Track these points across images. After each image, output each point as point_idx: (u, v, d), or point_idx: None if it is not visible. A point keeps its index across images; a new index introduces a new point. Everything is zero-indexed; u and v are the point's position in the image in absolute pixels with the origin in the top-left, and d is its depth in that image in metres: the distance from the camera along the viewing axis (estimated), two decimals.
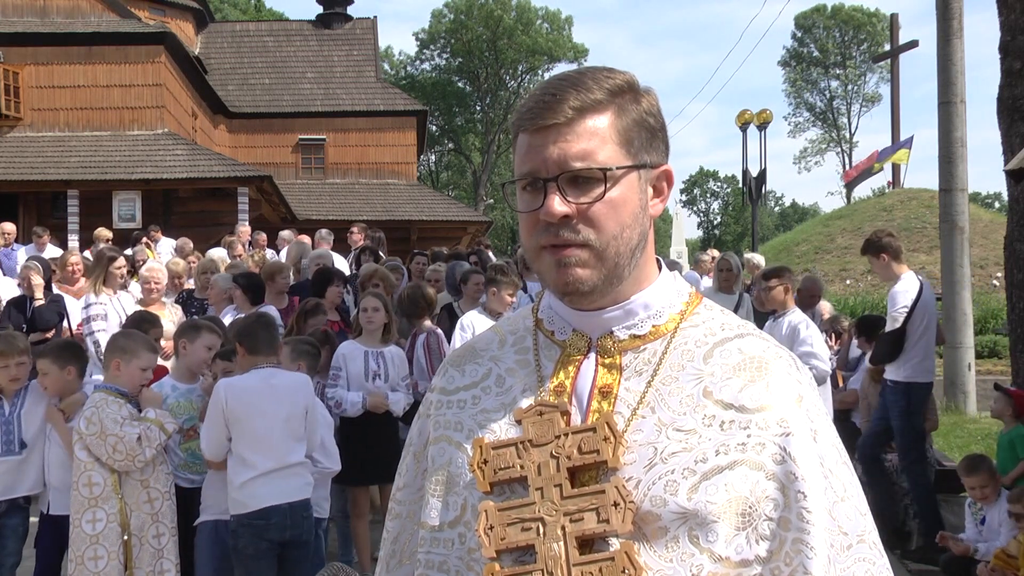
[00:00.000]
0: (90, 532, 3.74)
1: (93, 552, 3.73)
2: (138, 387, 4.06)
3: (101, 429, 3.77)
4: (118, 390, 3.95)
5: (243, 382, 4.00)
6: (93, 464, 3.79)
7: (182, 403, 4.35)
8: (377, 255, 9.39)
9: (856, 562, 1.16)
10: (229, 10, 42.60)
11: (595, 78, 1.20)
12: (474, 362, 1.34)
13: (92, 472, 3.79)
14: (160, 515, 3.90)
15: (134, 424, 3.85)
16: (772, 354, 1.22)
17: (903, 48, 27.15)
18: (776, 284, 5.77)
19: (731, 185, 69.42)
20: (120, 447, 3.77)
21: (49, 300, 7.40)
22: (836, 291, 20.30)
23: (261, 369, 4.04)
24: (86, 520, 3.76)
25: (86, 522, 3.76)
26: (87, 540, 3.74)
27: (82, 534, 3.75)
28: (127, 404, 3.96)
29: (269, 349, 4.11)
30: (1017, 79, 5.09)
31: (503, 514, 1.17)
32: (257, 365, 4.05)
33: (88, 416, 3.82)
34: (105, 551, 3.74)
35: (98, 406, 3.84)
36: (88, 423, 3.80)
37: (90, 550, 3.73)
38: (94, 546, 3.74)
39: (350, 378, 5.28)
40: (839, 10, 56.57)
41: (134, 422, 3.87)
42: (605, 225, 1.18)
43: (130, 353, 4.00)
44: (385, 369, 5.37)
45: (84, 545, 3.74)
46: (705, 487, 1.12)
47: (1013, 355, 5.26)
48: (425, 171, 52.87)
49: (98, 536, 3.74)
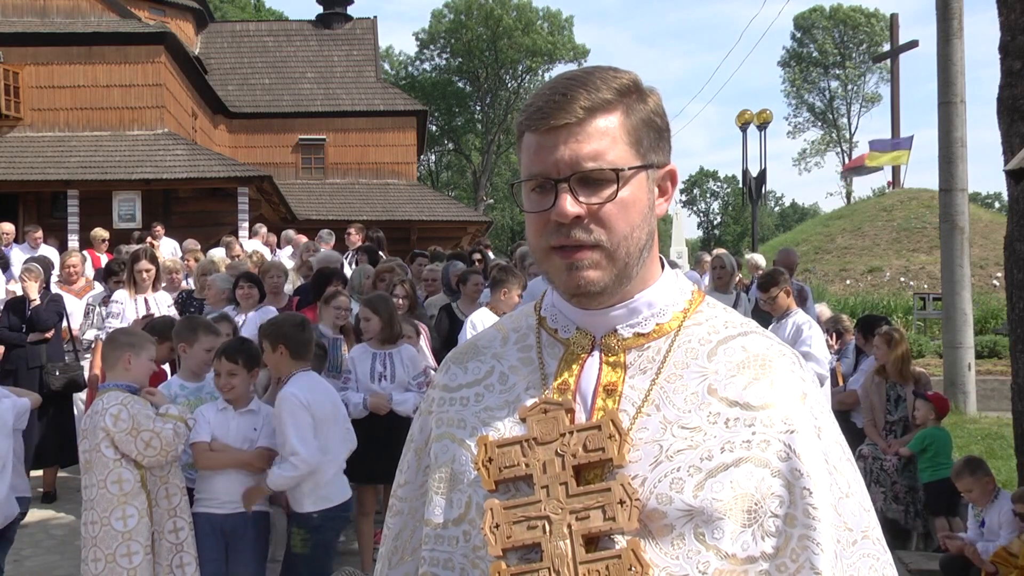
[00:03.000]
0: (121, 529, 3.73)
1: (126, 549, 3.72)
2: (147, 380, 4.10)
3: (133, 426, 3.76)
4: (128, 387, 3.93)
5: (315, 383, 4.29)
6: (120, 461, 3.77)
7: (192, 401, 4.37)
8: (374, 255, 9.39)
9: (861, 558, 1.17)
10: (229, 10, 42.58)
11: (603, 77, 1.20)
12: (477, 359, 1.34)
13: (121, 470, 3.77)
14: (178, 510, 3.92)
15: (165, 419, 3.89)
16: (776, 352, 1.22)
17: (903, 48, 27.16)
18: (776, 292, 5.87)
19: (731, 185, 69.44)
20: (155, 442, 3.78)
21: (48, 300, 7.39)
22: (836, 291, 20.28)
23: (308, 372, 4.29)
24: (116, 518, 3.73)
25: (116, 520, 3.73)
26: (118, 538, 3.72)
27: (112, 532, 3.72)
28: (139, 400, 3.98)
29: (310, 353, 4.37)
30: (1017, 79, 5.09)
31: (509, 512, 1.17)
32: (301, 368, 4.25)
33: (116, 413, 3.78)
34: (140, 546, 3.74)
35: (125, 404, 3.82)
36: (116, 420, 3.77)
37: (123, 547, 3.71)
38: (127, 543, 3.72)
39: (357, 380, 5.36)
40: (837, 10, 56.54)
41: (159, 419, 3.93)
42: (616, 225, 1.18)
43: (138, 346, 4.02)
44: (392, 370, 5.40)
45: (115, 543, 3.72)
46: (711, 484, 1.12)
47: (1013, 355, 5.25)
48: (425, 171, 52.86)
49: (130, 532, 3.73)
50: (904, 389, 6.38)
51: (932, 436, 6.00)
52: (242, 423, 4.21)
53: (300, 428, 4.06)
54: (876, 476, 6.14)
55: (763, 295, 5.97)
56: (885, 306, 18.06)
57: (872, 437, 6.41)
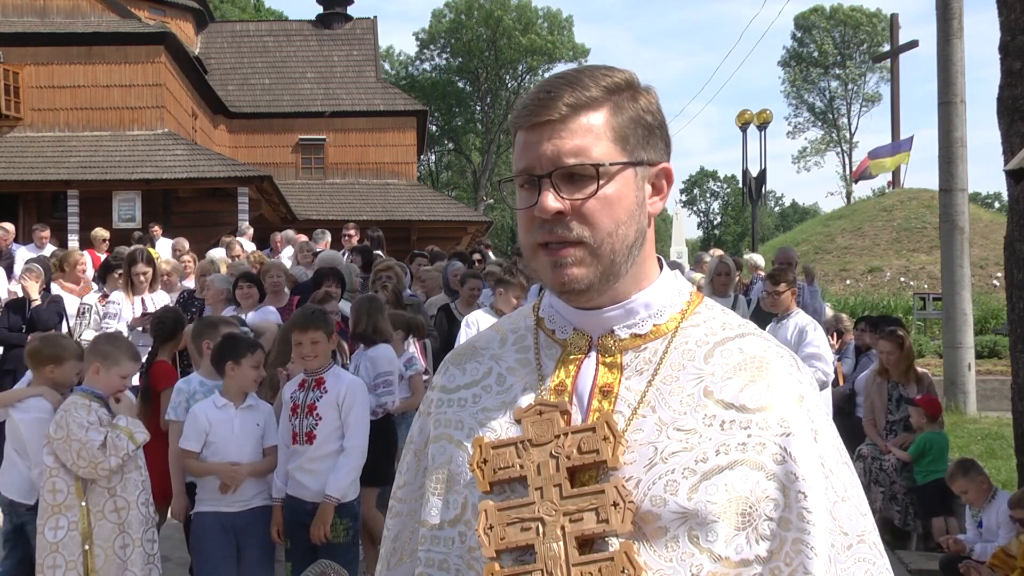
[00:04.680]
0: (51, 540, 3.66)
1: (52, 560, 3.64)
2: (114, 393, 3.95)
3: (67, 434, 3.68)
4: (95, 393, 3.86)
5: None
6: (58, 470, 3.70)
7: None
8: (370, 255, 9.38)
9: (856, 562, 1.16)
10: (229, 10, 42.57)
11: (592, 76, 1.20)
12: (475, 360, 1.34)
13: (56, 479, 3.70)
14: (126, 525, 3.77)
15: (100, 430, 3.74)
16: (773, 354, 1.21)
17: (903, 48, 27.14)
18: (785, 289, 5.84)
19: (731, 185, 69.38)
20: (84, 453, 3.66)
21: (48, 301, 7.39)
22: (836, 291, 20.27)
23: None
24: (48, 527, 3.67)
25: (48, 529, 3.67)
26: (48, 548, 3.66)
27: (44, 541, 3.67)
28: (101, 408, 3.85)
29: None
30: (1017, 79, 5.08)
31: (503, 514, 1.16)
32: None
33: (57, 420, 3.73)
34: (63, 560, 3.64)
35: (67, 410, 3.75)
36: (56, 427, 3.70)
37: (49, 558, 3.65)
38: (53, 554, 3.65)
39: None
40: (837, 10, 56.52)
41: (101, 428, 3.76)
42: (599, 222, 1.17)
43: (111, 360, 3.90)
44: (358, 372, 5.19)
45: (45, 553, 3.66)
46: (705, 487, 1.11)
47: (1013, 355, 5.25)
48: (425, 171, 52.83)
49: (58, 544, 3.65)
50: (906, 389, 6.39)
51: (930, 441, 6.00)
52: (246, 420, 4.19)
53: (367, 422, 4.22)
54: (875, 476, 6.14)
55: (772, 287, 5.91)
56: (885, 306, 18.07)
57: (871, 436, 6.41)
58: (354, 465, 4.15)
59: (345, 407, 4.14)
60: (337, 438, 4.15)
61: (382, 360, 5.25)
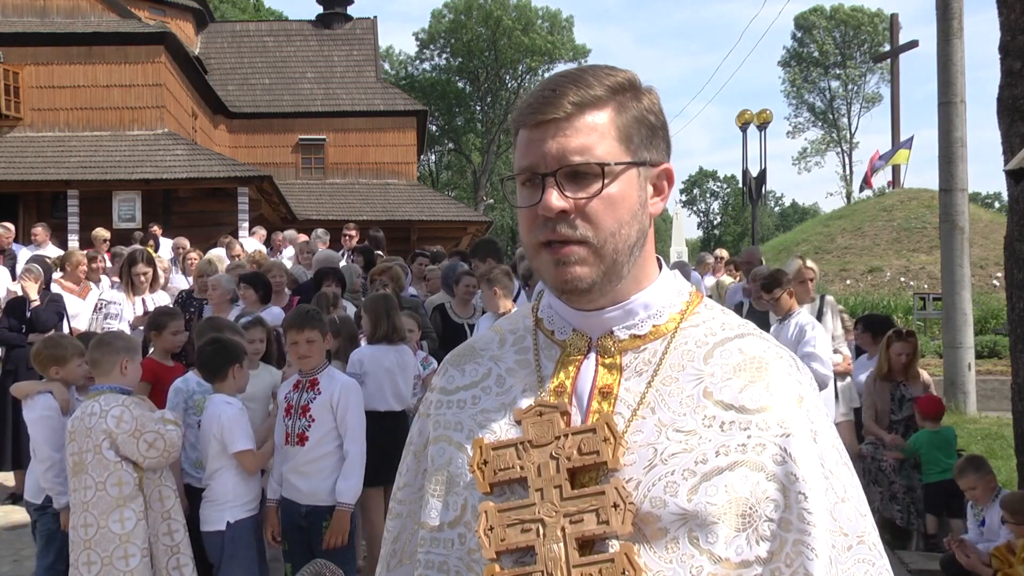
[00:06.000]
0: (119, 531, 3.73)
1: (123, 551, 3.71)
2: (138, 384, 4.13)
3: (136, 427, 3.77)
4: (122, 390, 3.94)
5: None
6: (120, 464, 3.78)
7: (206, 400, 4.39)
8: (371, 256, 9.38)
9: (856, 563, 1.16)
10: (229, 10, 42.56)
11: (596, 75, 1.20)
12: (474, 361, 1.34)
13: (121, 472, 3.78)
14: (172, 512, 3.93)
15: (166, 423, 3.93)
16: (772, 354, 1.21)
17: (903, 48, 27.12)
18: (779, 292, 5.84)
19: (731, 185, 69.39)
20: (159, 444, 3.80)
21: (48, 301, 7.38)
22: (836, 291, 20.26)
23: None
24: (113, 520, 3.73)
25: (114, 522, 3.73)
26: (115, 540, 3.72)
27: (110, 534, 3.72)
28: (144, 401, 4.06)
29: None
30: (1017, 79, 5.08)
31: (503, 515, 1.16)
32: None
33: (118, 415, 3.79)
34: (137, 549, 3.74)
35: (127, 405, 3.84)
36: (119, 421, 3.77)
37: (120, 549, 3.71)
38: (124, 545, 3.72)
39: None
40: (837, 10, 56.53)
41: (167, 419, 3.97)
42: (602, 221, 1.17)
43: (133, 351, 4.06)
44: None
45: (112, 545, 3.71)
46: (705, 488, 1.11)
47: (1013, 355, 5.24)
48: (425, 171, 52.83)
49: (128, 535, 3.73)
50: (909, 389, 6.39)
51: (923, 441, 6.01)
52: (253, 415, 4.34)
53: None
54: (874, 476, 6.13)
55: (767, 296, 5.93)
56: (885, 306, 18.06)
57: (872, 430, 6.40)
58: (360, 468, 4.20)
59: (340, 409, 4.16)
60: (331, 440, 4.16)
61: (409, 361, 5.30)
